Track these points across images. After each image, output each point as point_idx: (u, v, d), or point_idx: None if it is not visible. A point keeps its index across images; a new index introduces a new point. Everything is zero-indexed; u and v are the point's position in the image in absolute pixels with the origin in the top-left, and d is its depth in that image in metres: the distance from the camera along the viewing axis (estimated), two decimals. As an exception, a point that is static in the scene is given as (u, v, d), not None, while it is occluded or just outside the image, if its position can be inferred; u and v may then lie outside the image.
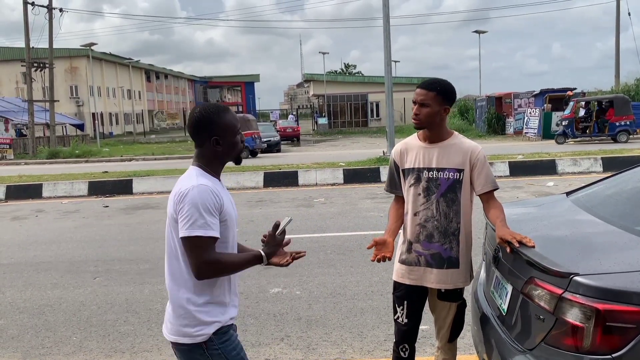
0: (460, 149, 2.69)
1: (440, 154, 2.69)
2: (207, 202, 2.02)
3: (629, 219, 2.38)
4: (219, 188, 2.13)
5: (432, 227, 2.70)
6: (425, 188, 2.71)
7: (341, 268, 5.89)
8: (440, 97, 2.64)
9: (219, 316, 2.13)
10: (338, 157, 18.42)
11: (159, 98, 70.29)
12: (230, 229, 2.14)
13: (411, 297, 2.82)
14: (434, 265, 2.72)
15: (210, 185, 2.07)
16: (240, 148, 2.21)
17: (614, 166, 11.87)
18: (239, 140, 2.19)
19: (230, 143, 2.16)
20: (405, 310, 2.83)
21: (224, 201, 2.10)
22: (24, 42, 29.42)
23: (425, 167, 2.71)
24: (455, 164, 2.67)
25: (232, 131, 2.15)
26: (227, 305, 2.18)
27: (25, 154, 29.46)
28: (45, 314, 4.97)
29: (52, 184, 13.37)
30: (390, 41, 16.13)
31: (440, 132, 2.71)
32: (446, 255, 2.71)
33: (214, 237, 2.03)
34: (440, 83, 2.68)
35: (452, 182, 2.67)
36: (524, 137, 25.21)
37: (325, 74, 49.58)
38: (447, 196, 2.68)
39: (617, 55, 32.06)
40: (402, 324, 2.85)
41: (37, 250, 7.48)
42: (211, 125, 2.12)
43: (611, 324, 1.81)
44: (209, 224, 2.01)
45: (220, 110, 2.16)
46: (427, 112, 2.64)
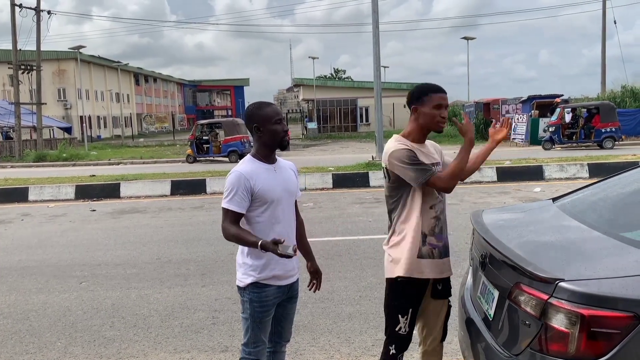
0: (431, 145, 2.97)
1: (430, 151, 2.90)
2: (236, 185, 2.62)
3: (614, 225, 2.41)
4: (261, 172, 2.68)
5: (444, 219, 2.88)
6: None
7: (329, 273, 5.88)
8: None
9: (254, 273, 2.74)
10: (327, 161, 18.43)
11: (147, 101, 69.90)
12: (267, 202, 2.68)
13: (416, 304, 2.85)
14: (444, 255, 2.85)
15: (246, 171, 2.66)
16: (281, 136, 2.71)
17: (599, 172, 12.00)
18: (279, 129, 2.70)
19: (270, 130, 2.69)
20: (409, 319, 2.83)
21: (260, 183, 2.65)
22: (11, 44, 29.16)
23: (432, 162, 2.84)
24: (437, 157, 2.92)
25: (270, 121, 2.68)
26: (265, 268, 2.73)
27: (11, 157, 29.14)
28: (29, 319, 4.90)
29: (38, 188, 13.24)
30: (380, 47, 16.20)
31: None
32: (448, 244, 2.90)
33: (235, 212, 2.63)
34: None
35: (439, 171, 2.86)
36: (512, 143, 25.38)
37: (315, 79, 49.59)
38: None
39: (603, 62, 32.44)
40: (404, 334, 2.84)
41: (22, 254, 7.40)
42: (253, 117, 2.71)
43: (596, 330, 1.82)
44: (233, 201, 2.62)
45: (262, 105, 2.76)
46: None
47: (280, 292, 2.81)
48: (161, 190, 13.13)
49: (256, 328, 2.79)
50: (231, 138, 22.38)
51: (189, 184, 13.36)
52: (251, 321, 2.78)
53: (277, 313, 2.90)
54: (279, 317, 2.92)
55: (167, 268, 6.40)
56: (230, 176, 2.67)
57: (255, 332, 2.79)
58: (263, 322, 2.80)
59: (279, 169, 2.80)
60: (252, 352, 2.82)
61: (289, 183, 2.81)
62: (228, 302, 5.13)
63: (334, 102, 46.55)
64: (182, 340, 4.32)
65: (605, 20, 32.01)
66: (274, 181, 2.71)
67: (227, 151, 22.30)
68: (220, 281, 5.77)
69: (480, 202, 9.95)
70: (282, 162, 2.89)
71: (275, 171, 2.76)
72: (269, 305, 2.78)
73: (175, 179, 13.85)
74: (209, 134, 23.57)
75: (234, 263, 2.99)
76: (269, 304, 2.78)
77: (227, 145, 22.43)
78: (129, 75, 63.95)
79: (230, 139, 22.41)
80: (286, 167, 2.89)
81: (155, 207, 11.32)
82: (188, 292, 5.49)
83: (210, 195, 12.74)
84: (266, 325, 2.83)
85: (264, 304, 2.76)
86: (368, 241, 7.53)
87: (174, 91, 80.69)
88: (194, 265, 6.48)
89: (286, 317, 2.97)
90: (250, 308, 2.77)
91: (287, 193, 2.79)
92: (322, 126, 45.81)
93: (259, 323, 2.78)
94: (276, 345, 3.00)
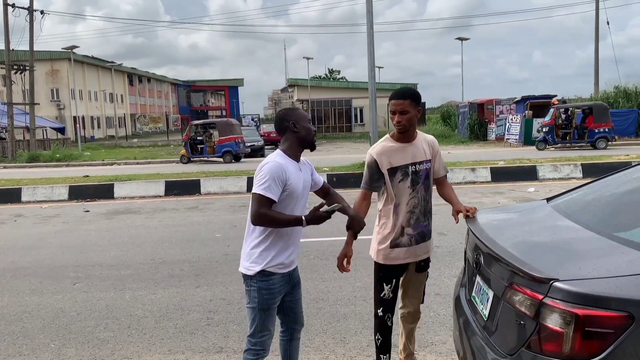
0: (425, 142, 3.26)
1: (417, 150, 3.20)
2: (274, 174, 2.76)
3: (608, 225, 2.41)
4: (291, 168, 2.85)
5: (419, 212, 3.23)
6: (412, 180, 3.19)
7: (324, 273, 5.88)
8: (413, 102, 3.11)
9: (262, 262, 2.85)
10: (322, 162, 18.42)
11: (141, 102, 69.66)
12: (292, 198, 2.85)
13: (398, 276, 3.32)
14: (420, 241, 3.27)
15: (282, 163, 2.82)
16: (313, 134, 2.96)
17: (593, 172, 12.05)
18: (312, 128, 2.96)
19: (305, 128, 2.93)
20: (392, 286, 3.30)
21: (292, 178, 2.82)
22: (4, 44, 29.01)
23: (410, 162, 3.17)
24: (426, 155, 3.23)
25: (305, 119, 2.96)
26: (272, 257, 2.86)
27: (4, 158, 28.96)
28: (22, 321, 4.88)
29: (31, 188, 13.17)
30: (374, 47, 16.20)
31: (414, 132, 3.21)
32: (427, 230, 3.31)
33: (270, 199, 2.75)
34: (410, 91, 3.16)
35: (427, 171, 3.24)
36: (506, 143, 25.47)
37: (310, 79, 49.61)
38: (425, 183, 3.24)
39: (596, 63, 32.55)
40: (389, 299, 3.30)
41: (15, 255, 7.36)
42: (288, 116, 2.95)
43: (590, 329, 1.82)
44: (270, 188, 2.74)
45: (295, 107, 3.12)
46: (408, 118, 3.11)
47: (284, 280, 2.96)
48: (155, 191, 13.09)
49: (263, 315, 2.90)
50: (225, 138, 22.34)
51: (183, 185, 13.32)
52: (259, 309, 2.89)
53: (287, 302, 3.07)
54: (290, 304, 3.10)
55: (161, 269, 6.38)
56: (268, 165, 2.80)
57: (262, 320, 2.91)
58: (270, 310, 2.93)
59: (302, 166, 3.00)
60: (258, 342, 2.92)
61: (307, 182, 3.02)
62: (222, 302, 5.12)
63: (328, 103, 46.60)
64: (176, 341, 4.31)
65: (598, 21, 32.15)
66: (300, 179, 2.91)
67: (222, 151, 22.27)
68: (215, 282, 5.76)
69: (475, 202, 9.97)
70: (302, 160, 3.06)
71: (300, 170, 2.95)
72: (276, 292, 2.92)
73: (170, 179, 13.81)
74: (203, 134, 23.53)
75: (229, 264, 3.01)
76: (276, 291, 2.91)
77: (222, 145, 22.39)
78: (123, 75, 63.70)
79: (224, 140, 22.37)
80: (304, 165, 3.06)
81: (149, 207, 11.28)
82: (182, 293, 5.48)
83: (204, 196, 12.71)
84: (272, 314, 2.95)
85: (272, 291, 2.90)
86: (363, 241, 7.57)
87: (167, 91, 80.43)
88: (188, 266, 6.47)
89: (296, 303, 3.14)
90: (259, 296, 2.88)
91: (306, 192, 3.02)
92: (317, 126, 45.82)
93: (266, 311, 2.91)
94: (293, 332, 3.17)
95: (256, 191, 2.76)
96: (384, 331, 3.35)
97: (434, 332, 4.20)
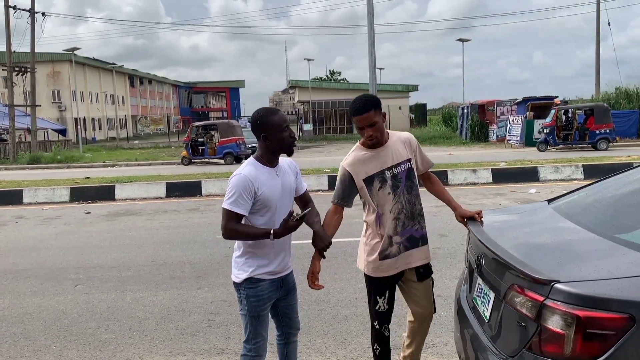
0: (400, 142, 3.08)
1: (391, 152, 3.03)
2: (240, 187, 2.68)
3: (609, 227, 2.41)
4: (263, 176, 2.73)
5: (404, 217, 3.04)
6: (391, 185, 3.01)
7: (325, 275, 5.85)
8: (377, 110, 2.96)
9: (248, 270, 2.83)
10: (323, 163, 18.42)
11: (142, 103, 69.76)
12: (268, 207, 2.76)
13: (392, 286, 3.13)
14: (411, 247, 3.05)
15: (251, 175, 2.70)
16: (288, 142, 2.79)
17: (594, 173, 12.04)
18: (287, 136, 2.77)
19: (277, 139, 2.75)
20: (386, 298, 3.12)
21: (263, 187, 2.71)
22: (6, 45, 29.07)
23: (385, 168, 3.01)
24: (404, 155, 3.05)
25: (278, 129, 2.75)
26: (259, 265, 2.82)
27: (5, 159, 29.01)
28: (24, 323, 4.88)
29: (32, 190, 13.18)
30: (375, 48, 16.22)
31: (385, 136, 3.04)
32: (419, 235, 3.09)
33: (237, 213, 2.69)
34: (369, 101, 2.97)
35: (407, 171, 3.04)
36: (507, 145, 25.46)
37: (311, 81, 49.60)
38: (408, 185, 3.04)
39: (597, 64, 32.53)
40: (382, 311, 3.14)
41: (16, 257, 7.36)
42: (261, 125, 2.76)
43: (591, 331, 1.82)
44: (237, 203, 2.68)
45: (269, 112, 2.80)
46: (378, 128, 2.96)
47: (273, 286, 2.91)
48: (156, 193, 13.09)
49: (255, 322, 2.88)
50: (226, 140, 22.36)
51: (184, 186, 13.32)
52: (249, 316, 2.88)
53: (281, 307, 3.04)
54: (284, 310, 3.05)
55: (163, 270, 6.38)
56: (234, 178, 2.73)
57: (254, 327, 2.89)
58: (261, 316, 2.89)
59: (280, 172, 2.86)
60: (253, 348, 2.91)
61: (288, 185, 2.89)
62: (224, 304, 5.11)
63: (329, 104, 46.57)
64: (177, 343, 4.31)
65: (599, 22, 32.13)
66: (275, 186, 2.79)
67: (223, 153, 22.29)
68: (216, 284, 5.76)
69: (476, 203, 9.96)
70: (282, 163, 2.94)
71: (278, 175, 2.83)
72: (265, 299, 2.88)
73: (171, 181, 13.81)
74: (204, 136, 23.55)
75: (230, 265, 3.00)
76: (265, 298, 2.88)
77: (223, 147, 22.41)
78: (124, 77, 63.80)
79: (225, 141, 22.39)
80: (285, 167, 2.94)
81: (151, 209, 11.29)
82: (183, 294, 5.48)
83: (205, 198, 12.71)
84: (263, 320, 2.92)
85: (260, 298, 2.86)
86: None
87: (169, 93, 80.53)
88: (190, 267, 6.47)
89: (291, 308, 3.08)
90: (248, 303, 2.86)
91: (286, 196, 2.87)
92: (318, 128, 45.83)
93: (257, 317, 2.88)
94: (288, 336, 3.13)
95: (224, 206, 2.72)
96: (381, 341, 3.20)
97: (435, 333, 4.19)
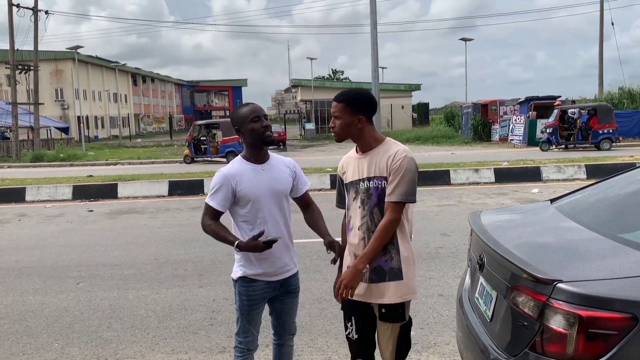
0: (384, 156, 2.57)
1: (370, 163, 2.60)
2: (218, 184, 2.75)
3: (611, 226, 2.41)
4: (247, 173, 2.75)
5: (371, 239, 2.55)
6: (362, 200, 2.61)
7: (327, 274, 5.87)
8: (349, 107, 2.57)
9: (245, 268, 2.84)
10: (325, 162, 18.42)
11: (145, 102, 69.79)
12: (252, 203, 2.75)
13: (358, 312, 2.68)
14: (376, 280, 2.57)
15: (230, 172, 2.75)
16: (259, 132, 2.74)
17: (597, 173, 12.02)
18: (257, 127, 2.74)
19: (249, 130, 2.75)
20: (354, 325, 2.71)
21: (244, 183, 2.73)
22: (9, 44, 29.11)
23: (360, 178, 2.62)
24: (381, 171, 2.56)
25: (247, 120, 2.74)
26: (255, 265, 2.81)
27: (8, 157, 29.07)
28: (26, 320, 4.89)
29: (35, 188, 13.21)
30: (378, 48, 16.20)
31: (365, 142, 2.63)
32: (387, 267, 2.56)
33: (214, 208, 2.76)
34: (348, 94, 2.61)
35: (381, 190, 2.55)
36: (509, 144, 25.43)
37: (313, 80, 49.54)
38: (380, 205, 2.56)
39: (600, 64, 32.50)
40: (353, 340, 2.74)
41: (19, 255, 7.38)
42: (232, 120, 2.83)
43: (594, 331, 1.82)
44: (214, 198, 2.75)
45: (240, 107, 2.84)
46: (340, 124, 2.60)
47: (269, 287, 2.88)
48: (159, 191, 13.11)
49: (244, 320, 2.90)
50: (229, 139, 22.37)
51: (186, 185, 13.34)
52: (240, 313, 2.91)
53: (277, 307, 3.00)
54: (279, 311, 3.01)
55: (165, 269, 6.39)
56: (215, 175, 2.80)
57: (243, 323, 2.91)
58: (251, 315, 2.90)
59: (268, 168, 2.84)
60: (243, 341, 2.93)
61: (278, 182, 2.84)
62: (225, 302, 5.12)
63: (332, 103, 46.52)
64: (179, 341, 4.32)
65: (602, 22, 32.09)
66: (259, 182, 2.77)
67: (225, 152, 22.31)
68: (218, 282, 5.77)
69: (478, 203, 9.95)
70: (276, 161, 2.91)
71: (264, 171, 2.81)
72: (257, 299, 2.88)
73: (173, 179, 13.83)
74: (207, 134, 23.57)
75: (232, 264, 3.00)
76: (257, 298, 2.87)
77: (225, 145, 22.43)
78: (127, 75, 63.84)
79: (227, 140, 22.40)
80: (279, 165, 2.90)
81: (153, 207, 11.30)
82: (185, 292, 5.49)
83: (207, 196, 12.71)
84: (254, 318, 2.92)
85: (251, 298, 2.86)
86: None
87: (171, 91, 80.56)
88: (192, 265, 6.47)
89: (287, 312, 3.02)
90: (239, 300, 2.90)
91: (274, 193, 2.82)
92: (320, 127, 45.77)
93: (247, 315, 2.89)
94: (281, 339, 3.09)
95: (205, 199, 2.81)
96: None
97: (437, 333, 4.19)
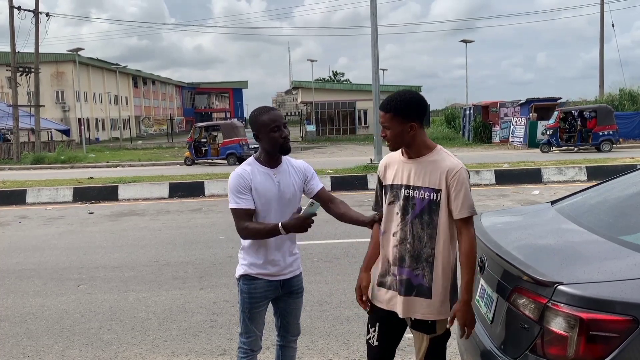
0: (437, 167, 2.41)
1: (417, 171, 2.45)
2: (234, 186, 2.73)
3: (612, 228, 2.40)
4: (259, 175, 2.75)
5: (405, 250, 2.46)
6: (402, 207, 2.47)
7: (328, 276, 5.87)
8: (398, 117, 2.39)
9: (247, 267, 2.85)
10: (326, 164, 18.42)
11: (146, 104, 69.86)
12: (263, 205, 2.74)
13: (385, 321, 2.60)
14: (402, 292, 2.47)
15: (245, 171, 2.75)
16: (279, 142, 2.73)
17: (598, 175, 12.02)
18: (277, 137, 2.71)
19: (268, 138, 2.72)
20: (377, 332, 2.63)
21: (256, 184, 2.73)
22: (10, 46, 29.13)
23: (403, 184, 2.48)
24: (432, 183, 2.41)
25: (267, 129, 2.71)
26: (256, 264, 2.83)
27: (9, 160, 29.08)
28: (27, 322, 4.89)
29: (36, 190, 13.21)
30: (378, 49, 16.23)
31: (415, 149, 2.46)
32: (416, 282, 2.45)
33: (243, 209, 2.71)
34: (395, 101, 2.41)
35: (427, 202, 2.41)
36: (510, 146, 25.44)
37: (314, 82, 49.58)
38: (422, 218, 2.42)
39: (601, 65, 32.51)
40: (372, 345, 2.65)
41: (19, 257, 7.38)
42: (253, 124, 2.79)
43: (595, 333, 1.81)
44: (237, 200, 2.71)
45: (261, 112, 2.76)
46: (391, 134, 2.44)
47: (271, 286, 2.88)
48: (159, 193, 13.11)
49: (246, 318, 2.91)
50: (229, 141, 22.38)
51: (187, 187, 13.34)
52: (241, 311, 2.92)
53: (280, 308, 3.01)
54: (282, 311, 3.02)
55: (165, 271, 6.39)
56: (231, 177, 2.77)
57: (245, 323, 2.92)
58: (252, 314, 2.89)
59: (279, 173, 2.80)
60: (246, 342, 2.93)
61: (286, 188, 2.80)
62: (226, 305, 5.12)
63: (332, 105, 46.56)
64: (180, 343, 4.31)
65: (603, 23, 32.13)
66: (269, 186, 2.76)
67: (226, 154, 22.30)
68: (219, 284, 5.76)
69: (479, 204, 9.94)
70: (285, 166, 2.85)
71: (274, 176, 2.79)
72: (258, 297, 2.87)
73: (174, 181, 13.84)
74: (208, 136, 23.58)
75: (232, 266, 3.01)
76: (258, 296, 2.87)
77: (226, 147, 22.43)
78: (128, 77, 63.90)
79: (228, 142, 22.40)
80: (289, 171, 2.85)
81: (154, 209, 11.30)
82: (186, 295, 5.48)
83: (208, 198, 12.72)
84: (255, 317, 2.91)
85: (253, 296, 2.86)
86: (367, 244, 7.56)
87: (172, 93, 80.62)
88: (192, 268, 6.47)
89: (290, 312, 3.03)
90: (241, 299, 2.90)
91: (282, 197, 2.78)
92: (321, 129, 45.83)
93: (248, 313, 2.89)
94: (284, 340, 3.09)
95: (229, 206, 2.75)
96: None
97: (438, 335, 4.18)
